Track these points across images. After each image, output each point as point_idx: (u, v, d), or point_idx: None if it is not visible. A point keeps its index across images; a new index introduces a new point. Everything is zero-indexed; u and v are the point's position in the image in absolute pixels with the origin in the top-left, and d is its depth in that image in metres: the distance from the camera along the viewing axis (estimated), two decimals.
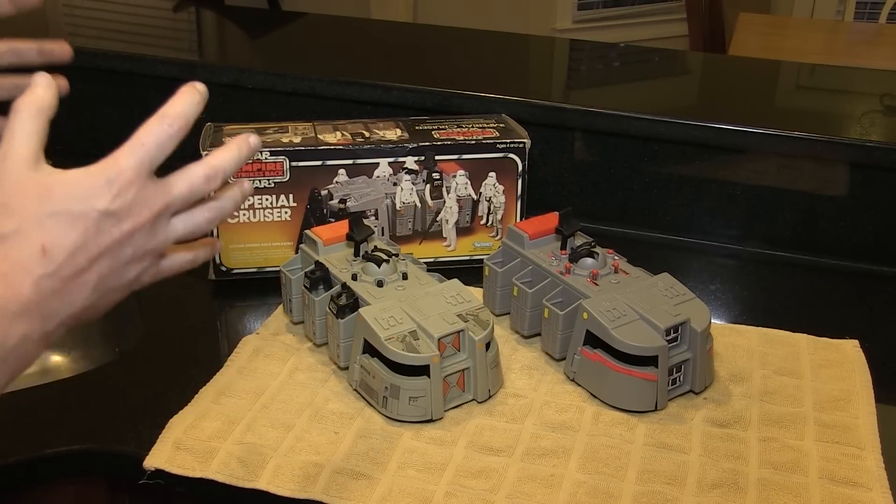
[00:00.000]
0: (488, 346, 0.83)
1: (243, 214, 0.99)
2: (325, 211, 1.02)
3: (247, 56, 1.42)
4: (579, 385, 0.86)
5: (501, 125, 1.06)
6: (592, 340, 0.83)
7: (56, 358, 1.09)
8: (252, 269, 1.02)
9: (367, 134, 1.03)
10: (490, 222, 1.06)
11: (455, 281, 0.88)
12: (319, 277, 0.88)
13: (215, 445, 0.77)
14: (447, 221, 1.05)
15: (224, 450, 0.76)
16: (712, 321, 0.88)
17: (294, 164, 0.98)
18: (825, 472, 0.75)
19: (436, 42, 1.50)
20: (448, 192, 1.03)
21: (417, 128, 1.05)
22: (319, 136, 1.01)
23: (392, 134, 1.03)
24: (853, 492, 0.73)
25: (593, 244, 0.91)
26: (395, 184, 1.02)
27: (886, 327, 0.98)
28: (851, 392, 0.85)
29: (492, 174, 1.03)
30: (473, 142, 1.01)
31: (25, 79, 0.70)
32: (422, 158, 1.01)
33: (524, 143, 1.02)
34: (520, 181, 1.04)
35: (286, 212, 1.00)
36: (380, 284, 0.86)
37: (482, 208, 1.05)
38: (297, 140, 1.00)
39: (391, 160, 1.01)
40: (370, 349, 0.81)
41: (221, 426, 0.79)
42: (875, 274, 1.10)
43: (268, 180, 0.98)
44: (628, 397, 0.82)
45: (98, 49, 1.32)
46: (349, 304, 0.84)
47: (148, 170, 0.54)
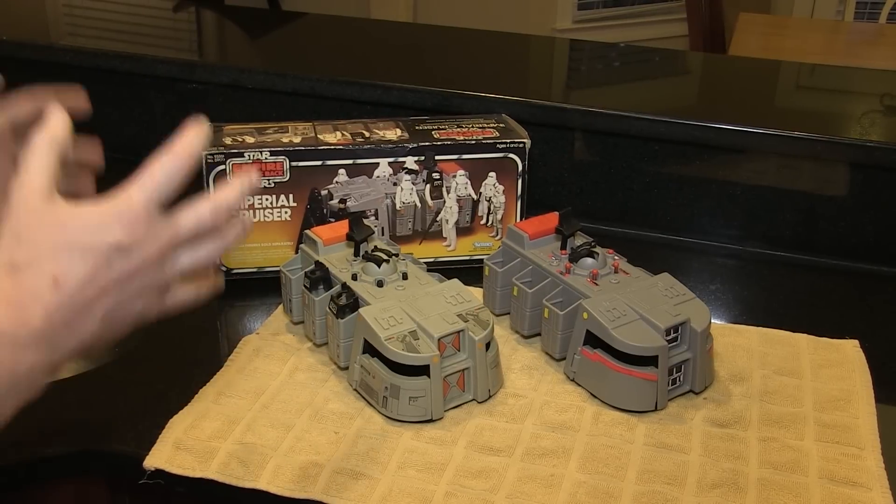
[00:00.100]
0: (488, 346, 0.83)
1: (243, 214, 0.99)
2: (325, 211, 1.02)
3: (247, 56, 1.42)
4: (579, 385, 0.86)
5: (501, 125, 1.06)
6: (592, 340, 0.83)
7: None
8: (252, 269, 1.02)
9: (367, 134, 1.03)
10: (490, 222, 1.05)
11: (455, 281, 0.88)
12: (319, 277, 0.88)
13: (215, 445, 0.77)
14: (447, 221, 1.05)
15: (224, 450, 0.76)
16: (712, 321, 0.88)
17: (294, 164, 0.98)
18: (825, 472, 0.75)
19: (436, 42, 1.50)
20: (448, 192, 1.03)
21: (417, 128, 1.05)
22: (319, 136, 1.01)
23: (392, 134, 1.03)
24: (853, 492, 0.73)
25: (593, 244, 0.91)
26: (395, 184, 1.02)
27: (886, 327, 0.98)
28: (851, 392, 0.85)
29: (492, 174, 1.03)
30: (473, 142, 1.01)
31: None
32: (422, 158, 1.01)
33: (524, 143, 1.02)
34: (520, 181, 1.04)
35: (286, 212, 1.00)
36: (380, 284, 0.86)
37: (482, 208, 1.05)
38: (297, 140, 1.00)
39: (391, 160, 1.01)
40: (370, 349, 0.81)
41: (221, 426, 0.79)
42: (875, 274, 1.10)
43: (268, 180, 0.98)
44: (628, 397, 0.82)
45: (98, 49, 1.32)
46: (349, 304, 0.84)
47: (157, 205, 0.55)
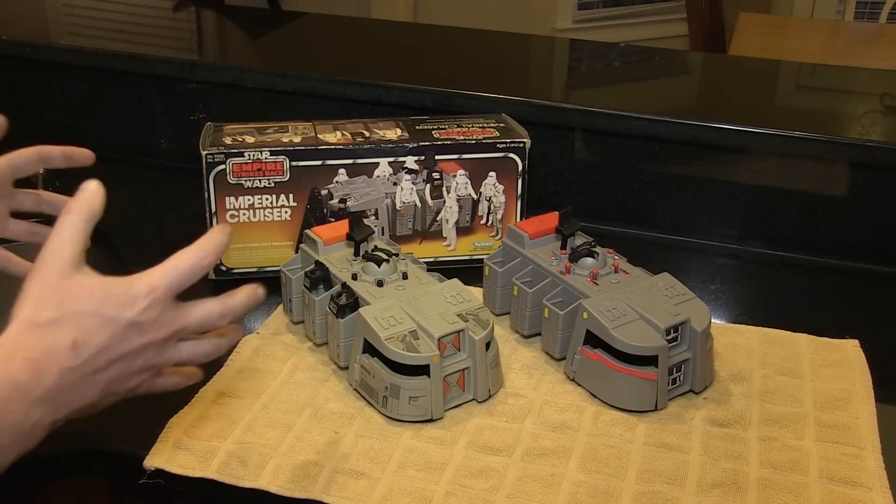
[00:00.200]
0: (488, 346, 0.83)
1: (243, 214, 0.99)
2: (325, 210, 1.02)
3: (247, 56, 1.42)
4: (579, 385, 0.86)
5: (501, 125, 1.06)
6: (592, 340, 0.83)
7: None
8: (252, 269, 1.02)
9: (367, 134, 1.03)
10: (490, 222, 1.05)
11: (455, 281, 0.88)
12: (319, 277, 0.88)
13: (215, 445, 0.77)
14: (447, 221, 1.05)
15: (224, 449, 0.76)
16: (712, 321, 0.88)
17: (294, 164, 0.98)
18: (825, 472, 0.75)
19: (436, 42, 1.50)
20: (448, 192, 1.03)
21: (417, 127, 1.05)
22: (319, 136, 1.01)
23: (392, 134, 1.03)
24: (853, 491, 0.73)
25: (593, 244, 0.91)
26: (396, 183, 1.02)
27: (886, 327, 0.98)
28: (851, 392, 0.85)
29: (492, 174, 1.03)
30: (473, 141, 1.01)
31: (40, 227, 0.77)
32: (422, 158, 1.01)
33: (524, 143, 1.02)
34: (520, 181, 1.04)
35: (286, 211, 1.00)
36: (380, 284, 0.86)
37: (482, 208, 1.05)
38: (298, 140, 1.00)
39: (391, 160, 1.01)
40: (370, 349, 0.81)
41: (221, 426, 0.79)
42: (875, 274, 1.10)
43: (268, 180, 0.98)
44: (628, 397, 0.82)
45: (98, 49, 1.32)
46: (349, 304, 0.84)
47: (175, 293, 0.59)
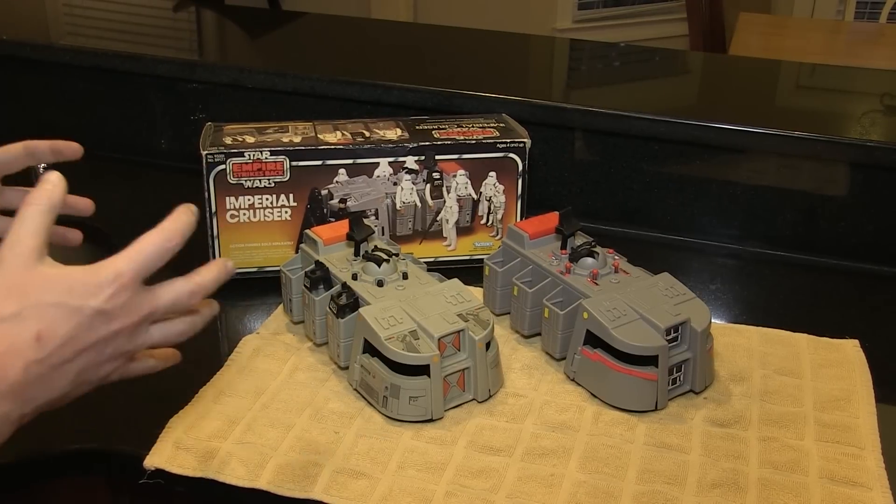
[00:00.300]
0: (488, 346, 0.83)
1: (243, 214, 0.99)
2: (326, 210, 1.02)
3: (247, 56, 1.42)
4: (579, 385, 0.86)
5: (501, 125, 1.06)
6: (592, 340, 0.83)
7: None
8: (252, 269, 1.02)
9: (368, 134, 1.03)
10: (490, 222, 1.05)
11: (455, 281, 0.88)
12: (319, 277, 0.88)
13: (215, 445, 0.77)
14: (447, 221, 1.05)
15: (224, 449, 0.76)
16: (712, 321, 0.88)
17: (294, 164, 0.98)
18: (825, 472, 0.75)
19: (436, 42, 1.50)
20: (448, 192, 1.03)
21: (417, 127, 1.05)
22: (319, 136, 1.01)
23: (392, 134, 1.03)
24: (853, 491, 0.73)
25: (593, 244, 0.91)
26: (396, 183, 1.02)
27: (886, 327, 0.98)
28: (851, 392, 0.85)
29: (492, 174, 1.03)
30: (473, 141, 1.01)
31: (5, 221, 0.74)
32: (422, 158, 1.01)
33: (524, 143, 1.02)
34: (520, 181, 1.04)
35: (286, 211, 1.00)
36: (380, 284, 0.86)
37: (482, 208, 1.05)
38: (298, 140, 1.00)
39: (391, 160, 1.01)
40: (370, 349, 0.81)
41: (222, 426, 0.79)
42: (875, 274, 1.10)
43: (268, 180, 0.98)
44: (628, 397, 0.82)
45: (98, 49, 1.32)
46: (349, 304, 0.84)
47: (142, 277, 0.57)
